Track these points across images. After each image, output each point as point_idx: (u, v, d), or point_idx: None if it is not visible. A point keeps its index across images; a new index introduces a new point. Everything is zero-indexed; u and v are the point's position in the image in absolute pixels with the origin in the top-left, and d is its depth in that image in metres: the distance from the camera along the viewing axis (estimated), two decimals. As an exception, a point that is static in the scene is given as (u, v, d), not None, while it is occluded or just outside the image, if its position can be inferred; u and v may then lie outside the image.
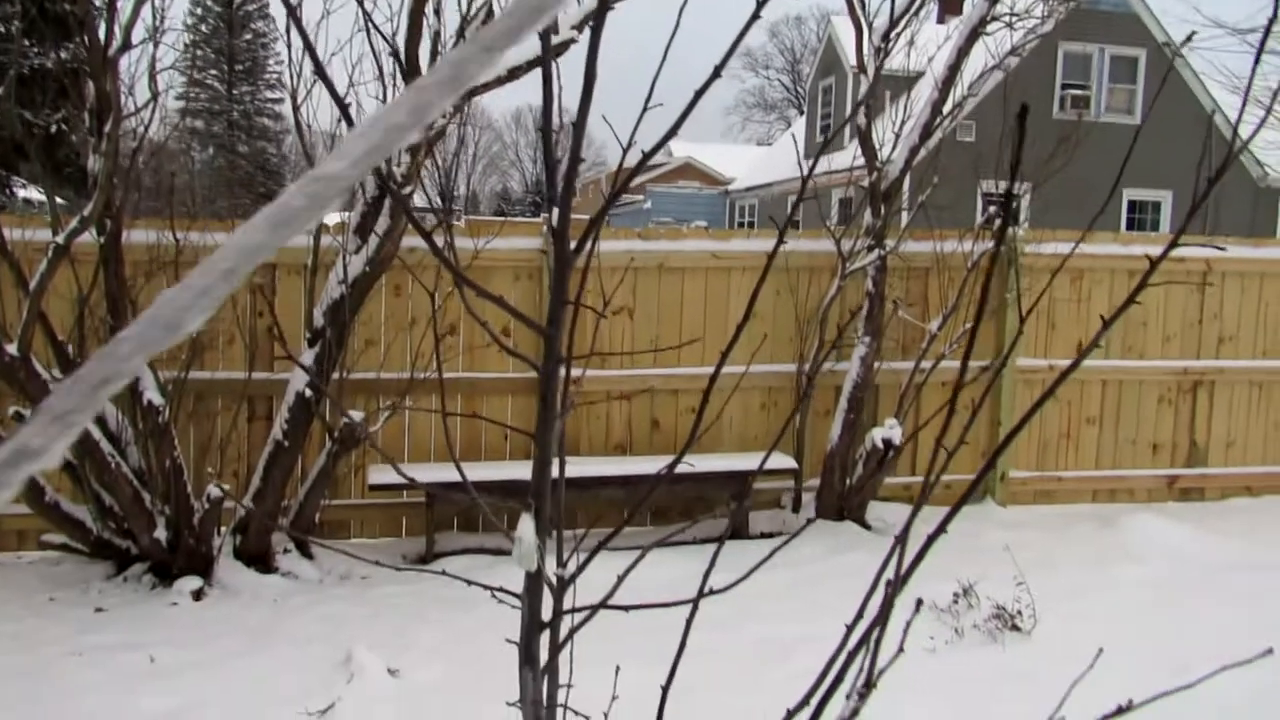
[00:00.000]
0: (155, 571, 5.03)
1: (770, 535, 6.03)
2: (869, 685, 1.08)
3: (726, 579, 5.49)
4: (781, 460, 6.11)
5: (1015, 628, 4.56)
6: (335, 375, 5.24)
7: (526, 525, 1.33)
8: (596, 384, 6.17)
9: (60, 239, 4.54)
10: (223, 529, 5.16)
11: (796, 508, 6.38)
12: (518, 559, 1.31)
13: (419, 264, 5.30)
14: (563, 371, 1.35)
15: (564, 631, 1.52)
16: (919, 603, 1.08)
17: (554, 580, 1.49)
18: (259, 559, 5.20)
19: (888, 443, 5.86)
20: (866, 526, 6.18)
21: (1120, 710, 1.11)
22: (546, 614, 1.51)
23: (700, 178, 35.74)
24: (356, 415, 5.18)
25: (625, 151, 1.73)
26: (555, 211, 1.27)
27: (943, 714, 3.79)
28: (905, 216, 6.55)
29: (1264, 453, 7.29)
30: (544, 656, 1.48)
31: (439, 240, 4.07)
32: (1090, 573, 5.52)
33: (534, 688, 1.34)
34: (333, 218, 5.97)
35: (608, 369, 6.16)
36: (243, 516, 5.20)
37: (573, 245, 1.31)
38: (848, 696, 1.10)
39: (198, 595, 4.84)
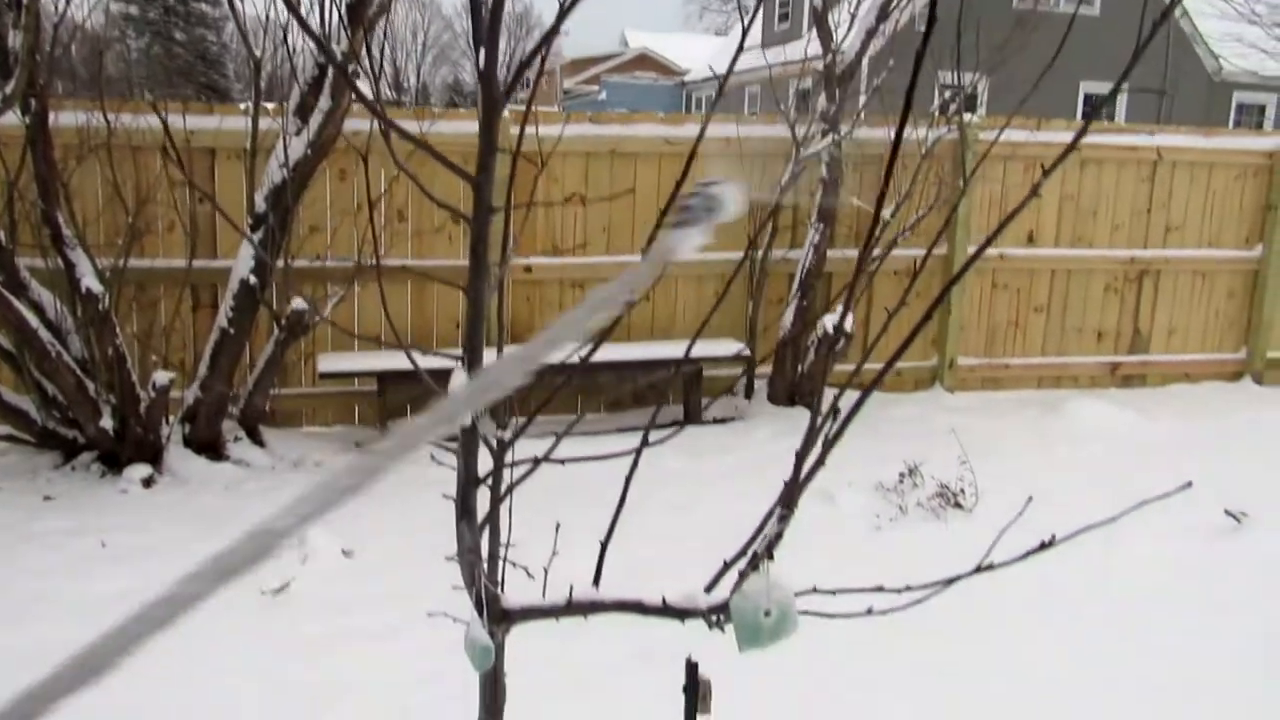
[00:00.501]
0: (104, 460, 4.98)
1: (723, 421, 6.11)
2: (789, 508, 1.09)
3: (681, 462, 5.57)
4: (734, 347, 6.15)
5: (958, 505, 4.69)
6: (280, 262, 5.13)
7: (458, 379, 1.32)
8: (549, 272, 6.13)
9: (-18, 118, 4.34)
10: (171, 418, 5.11)
11: (749, 394, 6.45)
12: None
13: (362, 148, 5.16)
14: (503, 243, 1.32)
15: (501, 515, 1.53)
16: (834, 414, 1.09)
17: (493, 442, 1.49)
18: (209, 447, 5.17)
19: (839, 329, 5.91)
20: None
21: (1044, 545, 1.14)
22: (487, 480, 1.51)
23: (657, 69, 34.99)
24: (302, 303, 5.10)
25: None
26: (482, 52, 1.22)
27: (882, 580, 3.91)
28: (861, 102, 6.47)
29: (1203, 340, 7.46)
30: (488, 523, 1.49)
31: (375, 125, 3.93)
32: (1033, 454, 5.68)
33: (470, 537, 1.35)
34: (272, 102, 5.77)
35: (561, 257, 6.11)
36: (191, 405, 5.14)
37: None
38: (772, 519, 1.12)
39: (148, 483, 4.82)
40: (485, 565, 1.37)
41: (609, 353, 5.76)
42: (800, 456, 1.09)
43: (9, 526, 4.32)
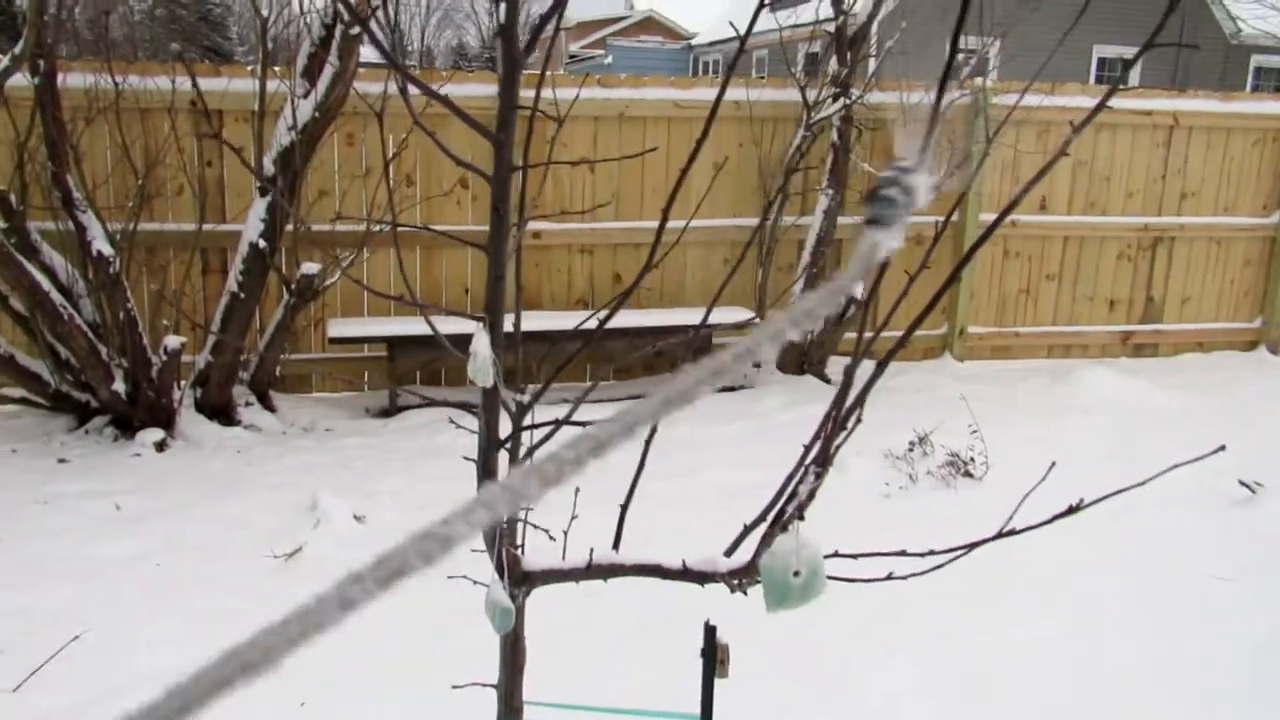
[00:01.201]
0: (116, 424, 5.00)
1: (732, 389, 6.10)
2: (824, 466, 1.09)
3: (691, 429, 5.55)
4: (744, 314, 6.13)
5: (968, 474, 4.69)
6: (289, 226, 5.12)
7: (481, 340, 1.31)
8: (558, 238, 6.10)
9: (-9, 80, 4.31)
10: (183, 382, 5.12)
11: (758, 363, 6.43)
12: (473, 373, 1.29)
13: (370, 109, 5.12)
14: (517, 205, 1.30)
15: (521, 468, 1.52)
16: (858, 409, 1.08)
17: (511, 404, 1.48)
18: (221, 412, 5.18)
19: (849, 297, 5.87)
20: (827, 380, 6.26)
21: (1071, 509, 1.14)
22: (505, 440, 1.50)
23: (663, 32, 34.64)
24: (312, 267, 5.08)
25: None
26: (502, 9, 1.20)
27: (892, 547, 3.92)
28: (872, 66, 6.40)
29: (1217, 309, 7.42)
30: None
31: (390, 87, 3.92)
32: (1043, 423, 5.66)
33: (491, 500, 1.35)
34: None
35: (568, 222, 6.08)
36: (202, 369, 5.15)
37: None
38: (807, 475, 1.11)
39: (160, 446, 4.84)
40: (505, 527, 1.37)
41: (620, 319, 5.76)
42: (834, 416, 1.08)
43: (25, 488, 4.34)
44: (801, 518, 1.05)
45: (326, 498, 4.08)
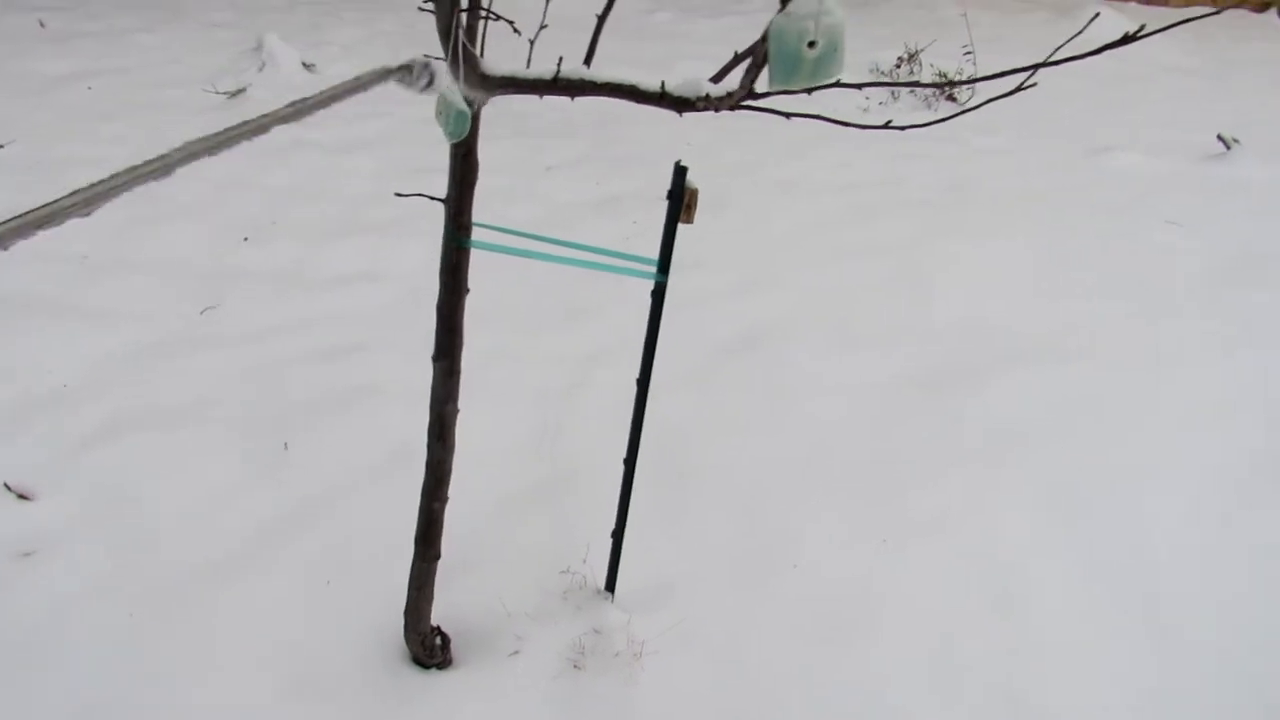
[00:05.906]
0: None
1: (718, -18, 5.63)
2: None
3: (671, 17, 5.13)
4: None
5: (951, 98, 4.50)
6: None
7: None
8: None
9: None
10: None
11: None
12: None
13: None
14: None
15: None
16: None
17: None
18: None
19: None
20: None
21: (1126, 38, 0.99)
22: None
23: None
24: None
25: None
26: None
27: (861, 158, 3.85)
28: None
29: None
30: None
31: None
32: (1038, 56, 5.40)
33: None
34: None
35: None
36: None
37: None
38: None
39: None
40: (464, 19, 1.19)
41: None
42: None
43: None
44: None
45: (274, 41, 3.78)
